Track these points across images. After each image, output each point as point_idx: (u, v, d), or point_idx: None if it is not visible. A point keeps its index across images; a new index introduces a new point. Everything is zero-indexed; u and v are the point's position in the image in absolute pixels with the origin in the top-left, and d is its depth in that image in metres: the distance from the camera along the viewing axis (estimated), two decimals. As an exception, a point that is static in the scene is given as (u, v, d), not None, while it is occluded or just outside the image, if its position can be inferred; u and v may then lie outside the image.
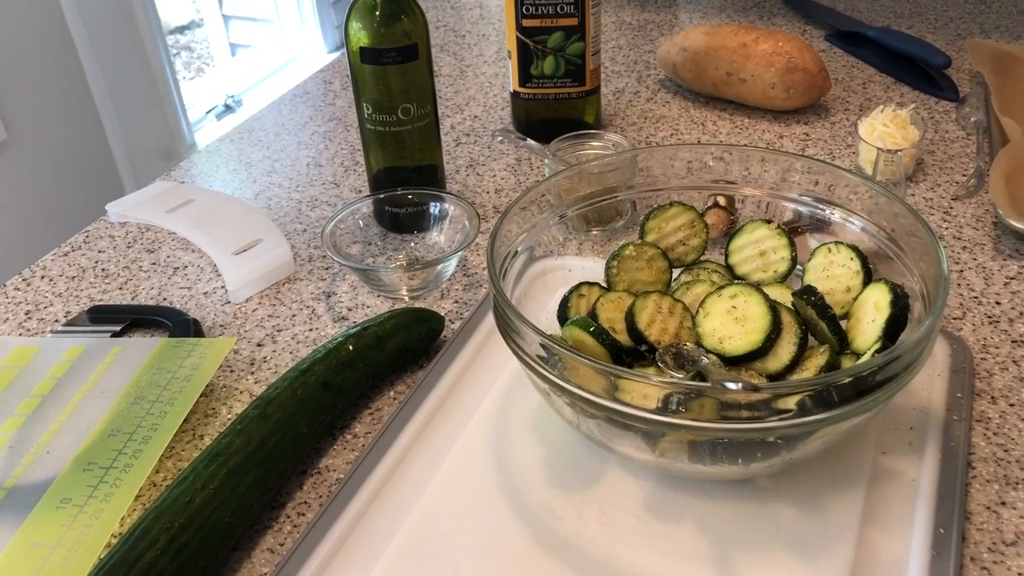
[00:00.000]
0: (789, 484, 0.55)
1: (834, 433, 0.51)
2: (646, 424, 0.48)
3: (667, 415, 0.47)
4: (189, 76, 3.14)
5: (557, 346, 0.50)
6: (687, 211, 0.65)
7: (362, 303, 0.76)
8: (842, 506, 0.53)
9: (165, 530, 0.52)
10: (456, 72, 1.19)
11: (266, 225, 0.85)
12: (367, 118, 0.80)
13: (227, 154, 1.03)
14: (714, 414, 0.47)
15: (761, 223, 0.63)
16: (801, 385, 0.47)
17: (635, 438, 0.52)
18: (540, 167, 0.95)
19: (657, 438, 0.51)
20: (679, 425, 0.47)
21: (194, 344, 0.69)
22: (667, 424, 0.48)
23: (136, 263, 0.84)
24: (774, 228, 0.63)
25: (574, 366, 0.49)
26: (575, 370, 0.49)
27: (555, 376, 0.50)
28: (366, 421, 0.65)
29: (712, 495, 0.54)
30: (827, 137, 0.97)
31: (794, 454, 0.51)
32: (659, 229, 0.65)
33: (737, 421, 0.46)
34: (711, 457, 0.51)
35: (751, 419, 0.46)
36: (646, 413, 0.48)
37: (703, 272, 0.64)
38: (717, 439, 0.50)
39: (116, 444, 0.61)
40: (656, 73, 1.14)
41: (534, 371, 0.52)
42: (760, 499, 0.54)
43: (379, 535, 0.55)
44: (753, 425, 0.47)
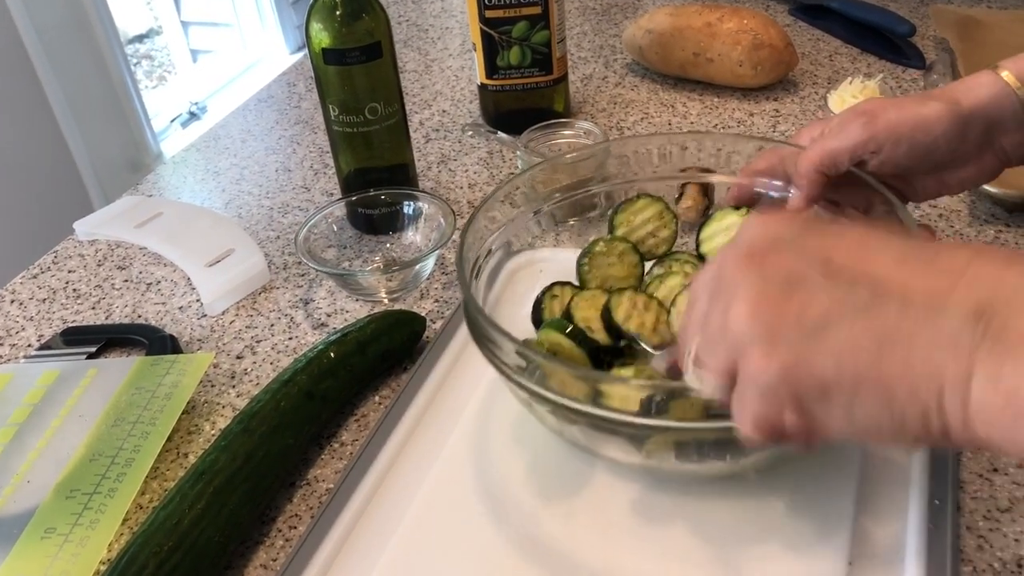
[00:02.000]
0: (780, 469, 0.55)
1: None
2: (630, 428, 0.47)
3: (650, 417, 0.46)
4: (151, 85, 3.10)
5: (534, 354, 0.49)
6: (655, 203, 0.64)
7: (341, 308, 0.75)
8: (836, 484, 0.53)
9: (154, 554, 0.51)
10: (421, 67, 1.18)
11: (238, 234, 0.84)
12: (334, 120, 0.79)
13: (194, 164, 1.02)
14: (698, 413, 0.46)
15: (730, 210, 0.62)
16: None
17: (621, 441, 0.51)
18: (513, 159, 0.94)
19: (643, 440, 0.50)
20: (664, 427, 0.47)
21: (172, 361, 0.68)
22: (651, 427, 0.47)
23: (108, 281, 0.83)
24: (743, 214, 0.62)
25: (552, 373, 0.48)
26: (554, 377, 0.49)
27: (534, 385, 0.49)
28: (352, 428, 0.64)
29: (702, 493, 0.54)
30: (797, 112, 0.97)
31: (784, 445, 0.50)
32: (628, 223, 0.64)
33: (721, 419, 0.44)
34: (699, 455, 0.51)
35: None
36: (629, 417, 0.47)
37: (675, 264, 0.63)
38: (702, 438, 0.49)
39: (98, 469, 0.59)
40: (623, 57, 1.13)
41: (512, 381, 0.50)
42: (751, 489, 0.54)
43: (373, 544, 0.54)
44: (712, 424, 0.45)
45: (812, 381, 0.35)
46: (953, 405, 0.33)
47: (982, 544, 0.50)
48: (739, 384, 0.38)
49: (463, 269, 0.56)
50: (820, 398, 0.35)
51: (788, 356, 0.35)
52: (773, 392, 0.36)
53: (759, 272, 0.37)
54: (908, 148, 0.54)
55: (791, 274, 0.37)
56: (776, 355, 0.36)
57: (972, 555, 0.50)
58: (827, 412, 0.36)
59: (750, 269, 0.38)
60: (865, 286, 0.35)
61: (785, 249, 0.38)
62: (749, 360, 0.37)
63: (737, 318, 0.37)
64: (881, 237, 0.37)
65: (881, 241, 0.37)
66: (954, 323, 0.33)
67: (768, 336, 0.36)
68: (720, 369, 0.39)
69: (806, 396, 0.36)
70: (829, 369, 0.35)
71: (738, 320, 0.37)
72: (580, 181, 0.67)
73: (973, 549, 0.50)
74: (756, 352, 0.36)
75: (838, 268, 0.36)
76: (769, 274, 0.37)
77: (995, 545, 0.50)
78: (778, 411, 0.37)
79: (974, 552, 0.50)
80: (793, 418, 0.36)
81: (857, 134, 0.55)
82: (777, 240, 0.38)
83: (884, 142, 0.54)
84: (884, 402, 0.34)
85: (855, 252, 0.37)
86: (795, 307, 0.36)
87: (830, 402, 0.35)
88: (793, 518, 0.51)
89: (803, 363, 0.35)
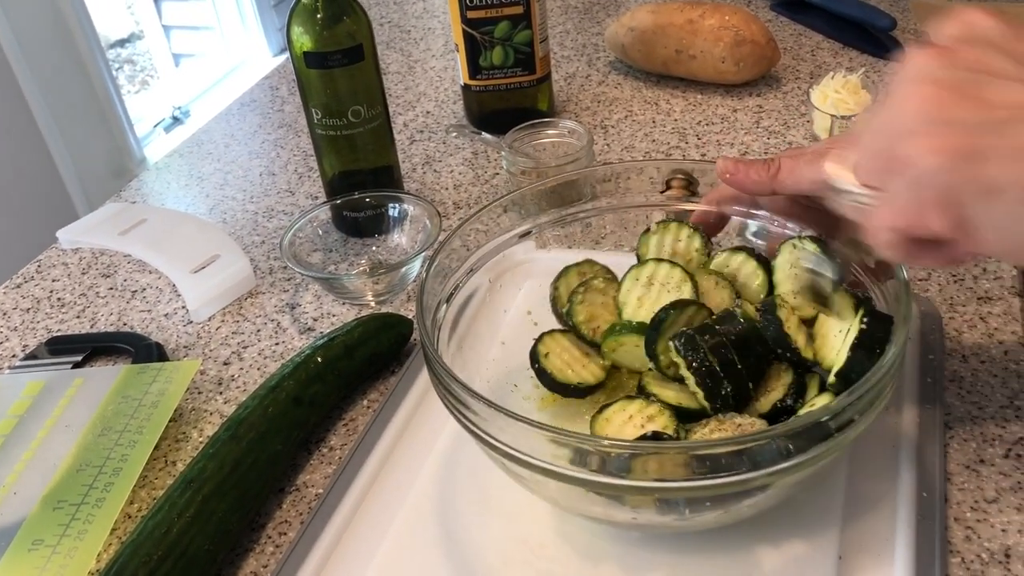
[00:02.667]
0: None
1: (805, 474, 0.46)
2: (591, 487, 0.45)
3: (609, 476, 0.44)
4: (134, 90, 3.08)
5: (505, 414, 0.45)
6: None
7: (328, 312, 0.75)
8: (825, 478, 0.53)
9: (143, 564, 0.51)
10: (404, 69, 1.17)
11: (223, 240, 0.84)
12: (317, 123, 0.78)
13: (177, 170, 1.01)
14: (675, 470, 0.42)
15: (672, 223, 0.60)
16: (733, 440, 0.43)
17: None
18: (497, 159, 0.94)
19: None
20: (626, 487, 0.44)
21: (159, 369, 0.68)
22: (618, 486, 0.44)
23: (92, 289, 0.82)
24: (685, 227, 0.60)
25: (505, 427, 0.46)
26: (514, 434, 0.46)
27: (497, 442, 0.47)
28: (341, 433, 0.64)
29: (686, 544, 0.52)
30: (780, 108, 0.97)
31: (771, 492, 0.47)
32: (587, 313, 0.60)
33: (701, 478, 0.43)
34: (686, 509, 0.47)
35: (713, 474, 0.43)
36: (589, 475, 0.44)
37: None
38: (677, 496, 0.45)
39: (86, 479, 0.59)
40: (606, 55, 1.13)
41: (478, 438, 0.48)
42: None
43: (363, 548, 0.54)
44: (714, 481, 0.43)
45: (982, 177, 0.31)
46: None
47: (970, 535, 0.51)
48: (890, 176, 0.33)
49: (423, 319, 0.53)
50: (984, 198, 0.31)
51: (964, 143, 0.31)
52: (930, 183, 0.32)
53: (950, 61, 0.34)
54: None
55: (985, 67, 0.33)
56: (950, 140, 0.32)
57: (960, 546, 0.50)
58: (987, 217, 0.32)
59: (938, 58, 0.34)
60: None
61: (982, 44, 0.34)
62: (915, 143, 0.32)
63: (914, 101, 0.33)
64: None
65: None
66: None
67: (946, 120, 0.32)
68: (875, 167, 0.34)
69: (968, 193, 0.32)
70: (1006, 167, 0.31)
71: (914, 102, 0.33)
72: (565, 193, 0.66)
73: (961, 540, 0.50)
74: (927, 135, 0.32)
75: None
76: (960, 63, 0.33)
77: (983, 536, 0.51)
78: (929, 212, 0.32)
79: (962, 543, 0.50)
80: (942, 221, 0.32)
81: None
82: (974, 35, 0.35)
83: None
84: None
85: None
86: (978, 99, 0.32)
87: (994, 205, 0.31)
88: (782, 510, 0.51)
89: (978, 154, 0.31)
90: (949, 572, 0.49)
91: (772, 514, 0.51)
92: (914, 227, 0.33)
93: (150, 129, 2.70)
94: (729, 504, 0.47)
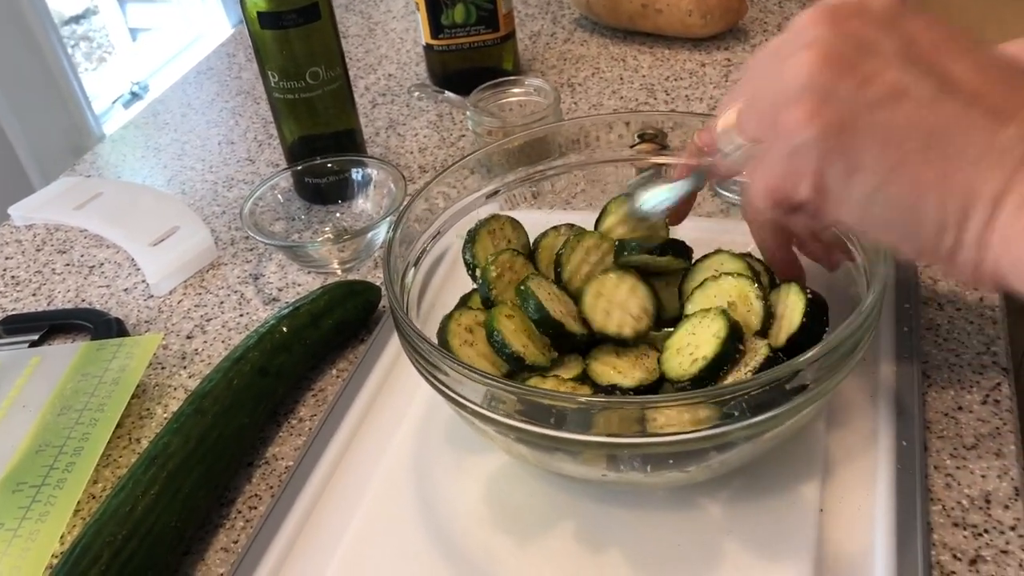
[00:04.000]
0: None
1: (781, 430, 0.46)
2: (550, 442, 0.44)
3: (569, 431, 0.43)
4: (91, 67, 3.00)
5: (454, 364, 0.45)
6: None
7: (293, 282, 0.73)
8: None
9: (108, 544, 0.49)
10: (365, 31, 1.14)
11: (182, 211, 0.81)
12: (274, 87, 0.76)
13: (133, 141, 0.98)
14: (627, 425, 0.42)
15: (624, 198, 0.59)
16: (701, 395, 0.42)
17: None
18: (463, 121, 0.92)
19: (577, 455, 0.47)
20: (588, 443, 0.43)
21: (119, 344, 0.66)
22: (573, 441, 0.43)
23: (48, 266, 0.80)
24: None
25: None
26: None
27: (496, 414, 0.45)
28: (310, 404, 0.62)
29: (654, 504, 0.50)
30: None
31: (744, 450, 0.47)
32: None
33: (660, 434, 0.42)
34: (637, 467, 0.47)
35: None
36: (548, 430, 0.43)
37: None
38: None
39: (46, 460, 0.57)
40: (571, 12, 1.11)
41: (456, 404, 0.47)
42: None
43: (336, 519, 0.52)
44: (676, 438, 0.42)
45: (849, 153, 0.33)
46: (977, 223, 0.31)
47: (950, 482, 0.50)
48: (768, 142, 0.35)
49: (391, 281, 0.52)
50: (847, 174, 0.33)
51: (836, 117, 0.33)
52: (803, 153, 0.33)
53: (837, 30, 0.34)
54: None
55: (869, 42, 0.34)
56: (821, 114, 0.33)
57: (940, 493, 0.50)
58: (847, 192, 0.33)
59: (826, 25, 0.34)
60: (938, 77, 0.33)
61: (871, 19, 0.35)
62: (792, 111, 0.33)
63: (796, 66, 0.34)
64: (972, 41, 0.35)
65: (970, 44, 0.35)
66: (1009, 137, 0.31)
67: (821, 92, 0.33)
68: (757, 126, 0.36)
69: (833, 167, 0.33)
70: (872, 146, 0.32)
71: (796, 68, 0.34)
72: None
73: (941, 488, 0.50)
74: (804, 104, 0.33)
75: (919, 53, 0.34)
76: (846, 34, 0.34)
77: (962, 483, 0.50)
78: (797, 179, 0.34)
79: (942, 490, 0.50)
80: (808, 191, 0.34)
81: None
82: (865, 9, 0.35)
83: None
84: (910, 200, 0.32)
85: (941, 44, 0.34)
86: (860, 74, 0.33)
87: (854, 181, 0.33)
88: (761, 465, 0.51)
89: (848, 130, 0.32)
90: (931, 520, 0.48)
91: (751, 469, 0.50)
92: (783, 189, 0.35)
93: (108, 105, 2.64)
94: (704, 460, 0.46)
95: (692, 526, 0.49)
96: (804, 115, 0.33)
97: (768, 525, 0.48)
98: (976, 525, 0.48)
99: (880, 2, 0.36)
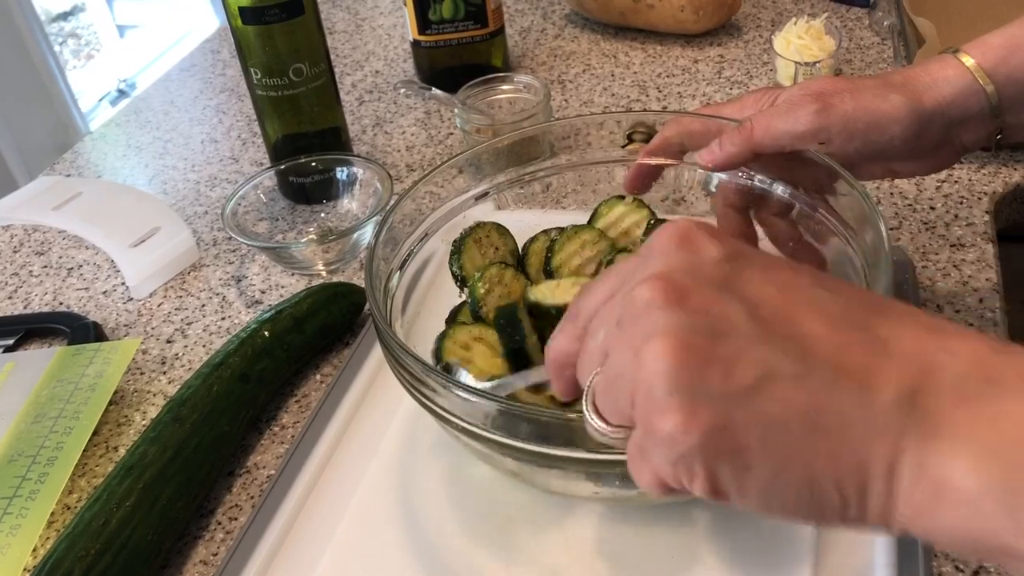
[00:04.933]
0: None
1: None
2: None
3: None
4: (79, 64, 2.97)
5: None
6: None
7: (276, 284, 0.71)
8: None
9: (80, 559, 0.47)
10: (352, 27, 1.12)
11: (163, 211, 0.79)
12: (257, 84, 0.74)
13: (114, 140, 0.96)
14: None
15: (616, 200, 0.58)
16: None
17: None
18: (451, 119, 0.90)
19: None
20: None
21: (96, 349, 0.64)
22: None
23: (25, 268, 0.78)
24: (631, 203, 0.58)
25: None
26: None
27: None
28: (293, 410, 0.60)
29: (646, 517, 0.49)
30: (742, 57, 0.94)
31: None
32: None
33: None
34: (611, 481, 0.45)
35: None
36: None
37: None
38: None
39: (18, 470, 0.55)
40: (561, 8, 1.09)
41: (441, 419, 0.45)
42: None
43: (319, 530, 0.51)
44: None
45: (735, 453, 0.30)
46: (877, 496, 0.30)
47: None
48: (644, 438, 0.32)
49: (372, 283, 0.50)
50: (738, 472, 0.31)
51: (711, 420, 0.30)
52: (689, 460, 0.31)
53: (681, 311, 0.32)
54: (861, 144, 0.49)
55: (717, 320, 0.31)
56: (698, 418, 0.30)
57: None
58: (741, 484, 0.31)
59: (670, 307, 0.32)
60: (796, 344, 0.31)
61: (708, 285, 0.32)
62: (664, 418, 0.31)
63: (654, 363, 0.31)
64: (813, 284, 0.33)
65: (813, 291, 0.33)
66: (883, 404, 0.30)
67: (689, 393, 0.30)
68: (622, 416, 0.33)
69: (722, 468, 0.31)
70: (754, 441, 0.30)
71: (655, 365, 0.31)
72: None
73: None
74: (676, 411, 0.31)
75: (768, 319, 0.31)
76: (692, 314, 0.32)
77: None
78: (689, 479, 0.32)
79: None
80: (703, 491, 0.32)
81: (807, 121, 0.49)
82: (699, 271, 0.33)
83: (836, 135, 0.49)
84: (806, 487, 0.30)
85: (787, 303, 0.32)
86: (721, 362, 0.31)
87: (747, 478, 0.31)
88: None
89: (727, 430, 0.30)
90: (932, 530, 0.47)
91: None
92: (675, 485, 0.33)
93: (95, 103, 2.62)
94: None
95: (685, 540, 0.47)
96: (679, 422, 0.31)
97: (764, 538, 0.47)
98: (979, 535, 0.46)
99: (709, 256, 0.33)
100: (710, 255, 0.34)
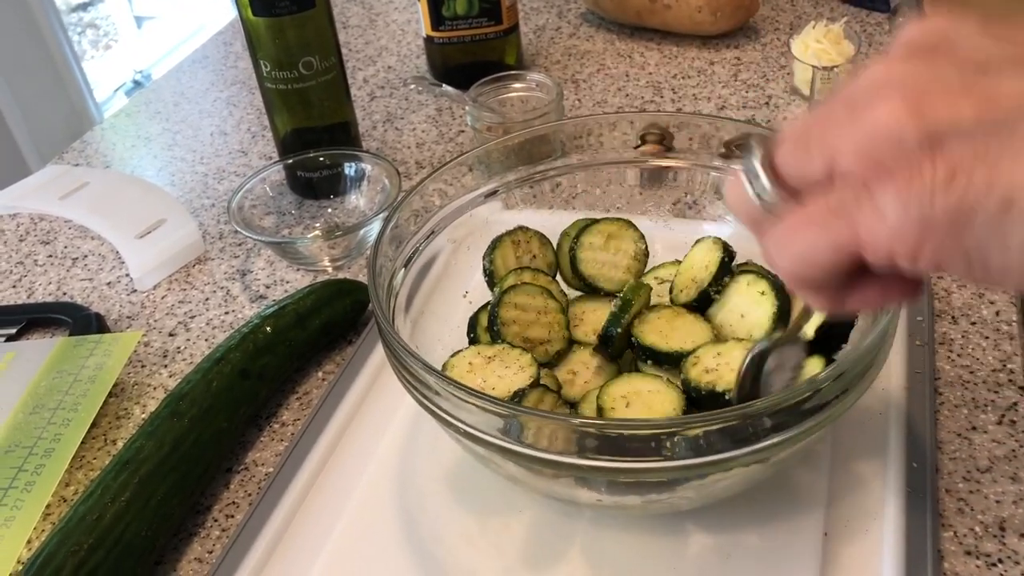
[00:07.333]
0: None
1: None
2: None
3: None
4: (97, 55, 2.98)
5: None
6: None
7: (281, 279, 0.71)
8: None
9: (72, 553, 0.47)
10: (365, 22, 1.12)
11: (170, 203, 0.79)
12: (267, 76, 0.73)
13: (123, 130, 0.95)
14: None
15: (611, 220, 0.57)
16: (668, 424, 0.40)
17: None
18: (462, 116, 0.89)
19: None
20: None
21: (97, 341, 0.63)
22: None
23: (30, 257, 0.77)
24: (621, 223, 0.57)
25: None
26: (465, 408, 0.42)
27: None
28: (294, 408, 0.59)
29: (651, 528, 0.48)
30: (759, 60, 0.93)
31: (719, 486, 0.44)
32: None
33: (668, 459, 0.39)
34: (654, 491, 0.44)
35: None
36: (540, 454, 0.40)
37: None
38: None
39: (14, 461, 0.55)
40: (577, 6, 1.08)
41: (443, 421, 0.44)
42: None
43: (316, 530, 0.50)
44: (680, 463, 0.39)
45: (995, 192, 0.25)
46: None
47: (962, 507, 0.47)
48: (859, 194, 0.26)
49: (375, 278, 0.49)
50: (997, 218, 0.25)
51: (966, 158, 0.25)
52: (932, 212, 0.25)
53: (927, 64, 0.27)
54: None
55: (971, 63, 0.27)
56: (946, 156, 0.25)
57: (952, 519, 0.47)
58: (1002, 239, 0.25)
59: (911, 61, 0.27)
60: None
61: (962, 41, 0.28)
62: (904, 167, 0.25)
63: (885, 113, 0.26)
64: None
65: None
66: None
67: (934, 132, 0.25)
68: (803, 176, 0.28)
69: (978, 217, 0.25)
70: (1019, 176, 0.25)
71: (886, 114, 0.26)
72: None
73: (953, 513, 0.47)
74: (917, 155, 0.25)
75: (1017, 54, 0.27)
76: (941, 64, 0.27)
77: (976, 508, 0.47)
78: (925, 235, 0.26)
79: (954, 516, 0.47)
80: (938, 254, 0.26)
81: None
82: (948, 35, 0.28)
83: None
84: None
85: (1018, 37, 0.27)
86: (977, 95, 0.26)
87: (1010, 224, 0.25)
88: (764, 486, 0.48)
89: (988, 168, 0.25)
90: (941, 547, 0.46)
91: (752, 491, 0.48)
92: (900, 256, 0.27)
93: (111, 94, 2.62)
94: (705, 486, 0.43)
95: (690, 551, 0.46)
96: (923, 167, 0.25)
97: (770, 551, 0.45)
98: (990, 554, 0.45)
99: (963, 23, 0.28)
100: (958, 22, 0.29)
